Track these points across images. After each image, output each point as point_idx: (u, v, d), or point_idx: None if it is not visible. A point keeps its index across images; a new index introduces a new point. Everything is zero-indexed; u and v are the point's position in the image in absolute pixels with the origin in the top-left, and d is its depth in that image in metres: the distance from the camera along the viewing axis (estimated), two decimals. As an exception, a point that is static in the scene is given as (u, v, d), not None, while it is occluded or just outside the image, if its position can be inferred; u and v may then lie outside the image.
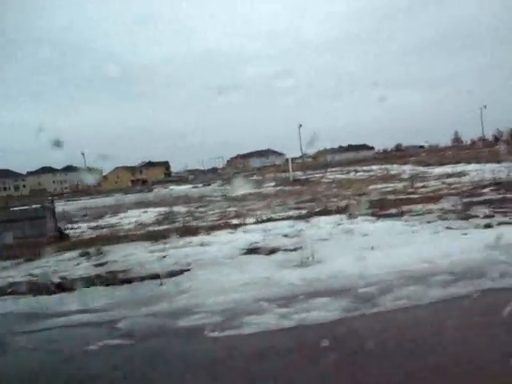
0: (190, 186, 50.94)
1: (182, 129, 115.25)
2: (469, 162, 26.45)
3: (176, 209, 22.12)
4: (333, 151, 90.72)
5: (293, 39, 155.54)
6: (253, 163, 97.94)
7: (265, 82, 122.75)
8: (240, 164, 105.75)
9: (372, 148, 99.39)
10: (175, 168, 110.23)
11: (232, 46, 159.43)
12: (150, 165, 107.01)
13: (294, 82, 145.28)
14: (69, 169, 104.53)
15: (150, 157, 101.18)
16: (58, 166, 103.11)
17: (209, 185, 48.26)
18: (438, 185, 18.67)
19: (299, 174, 34.68)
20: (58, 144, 13.75)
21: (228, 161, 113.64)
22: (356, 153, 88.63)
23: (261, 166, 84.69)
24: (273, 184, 31.48)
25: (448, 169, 24.33)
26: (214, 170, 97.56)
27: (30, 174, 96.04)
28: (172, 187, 52.28)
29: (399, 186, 20.04)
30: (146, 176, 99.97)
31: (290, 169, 30.64)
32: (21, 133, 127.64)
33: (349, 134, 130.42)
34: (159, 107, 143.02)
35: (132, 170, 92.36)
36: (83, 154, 73.24)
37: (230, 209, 18.51)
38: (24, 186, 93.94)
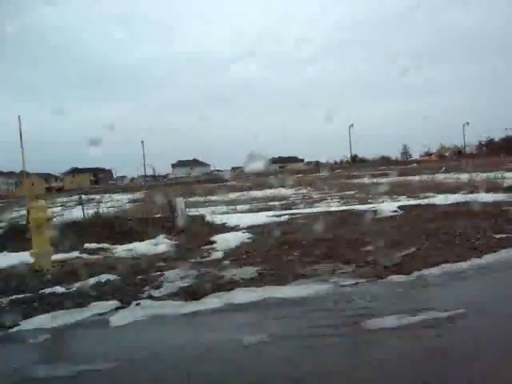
0: None
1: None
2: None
3: None
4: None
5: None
6: (177, 172, 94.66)
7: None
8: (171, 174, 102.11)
9: (302, 160, 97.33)
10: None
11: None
12: (77, 171, 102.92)
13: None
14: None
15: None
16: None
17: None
18: None
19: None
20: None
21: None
22: (285, 165, 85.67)
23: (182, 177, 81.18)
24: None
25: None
26: (162, 177, 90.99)
27: None
28: None
29: None
30: (64, 184, 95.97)
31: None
32: None
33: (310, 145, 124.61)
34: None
35: (47, 176, 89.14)
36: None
37: None
38: None
